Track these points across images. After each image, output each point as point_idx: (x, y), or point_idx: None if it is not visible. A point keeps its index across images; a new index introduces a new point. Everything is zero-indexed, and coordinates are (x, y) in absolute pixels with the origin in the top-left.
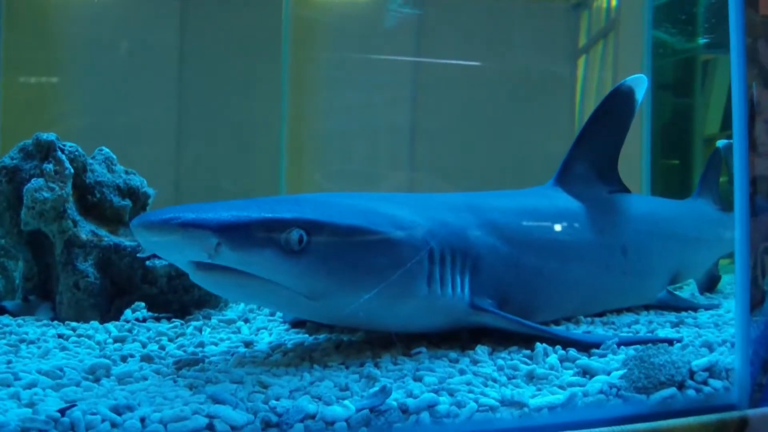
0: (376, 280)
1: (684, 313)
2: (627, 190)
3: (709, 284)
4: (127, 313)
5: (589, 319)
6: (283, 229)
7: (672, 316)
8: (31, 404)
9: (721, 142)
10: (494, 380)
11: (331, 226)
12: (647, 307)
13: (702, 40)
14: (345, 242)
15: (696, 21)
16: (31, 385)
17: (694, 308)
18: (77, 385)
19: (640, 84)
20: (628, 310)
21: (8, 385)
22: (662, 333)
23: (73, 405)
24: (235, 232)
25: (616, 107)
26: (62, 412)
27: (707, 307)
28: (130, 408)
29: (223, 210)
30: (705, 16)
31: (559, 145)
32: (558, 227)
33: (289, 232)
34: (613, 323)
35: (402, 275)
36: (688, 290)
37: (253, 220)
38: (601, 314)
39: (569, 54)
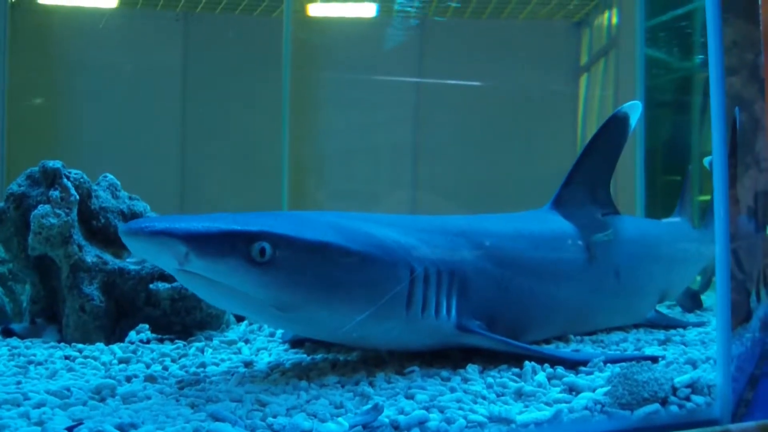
0: (347, 298)
1: (672, 331)
2: (617, 212)
3: (693, 302)
4: (132, 334)
5: (579, 337)
6: (249, 240)
7: (660, 334)
8: (40, 422)
9: (707, 159)
10: (483, 397)
11: (297, 240)
12: (636, 326)
13: (699, 58)
14: (311, 257)
15: (692, 39)
16: (40, 405)
17: (683, 326)
18: (84, 404)
19: (635, 110)
20: (618, 328)
21: (18, 405)
22: (649, 351)
23: (80, 423)
24: (202, 242)
25: (611, 133)
26: (70, 430)
27: (695, 325)
28: (134, 426)
29: (196, 221)
30: (701, 34)
31: (562, 164)
32: (551, 250)
33: (252, 244)
34: (602, 341)
35: (375, 294)
36: (678, 309)
37: (220, 231)
38: (591, 333)
39: (571, 72)
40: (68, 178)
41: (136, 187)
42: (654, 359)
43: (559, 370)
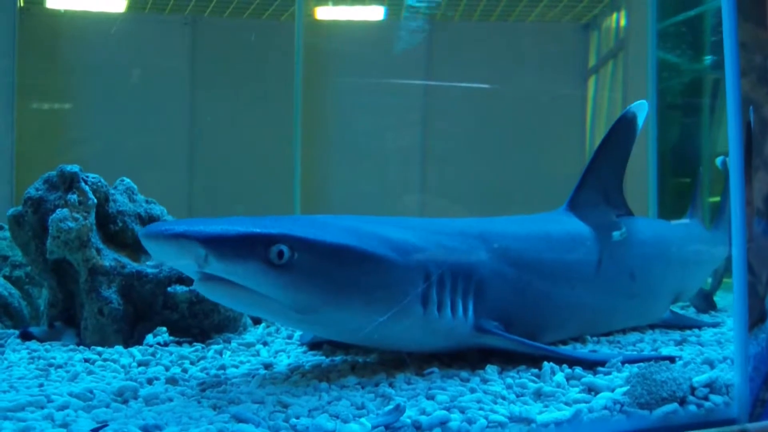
0: (365, 300)
1: (688, 332)
2: (631, 213)
3: (707, 303)
4: (149, 337)
5: (595, 338)
6: (267, 243)
7: (676, 335)
8: (64, 425)
9: (719, 159)
10: (503, 398)
11: (315, 243)
12: (652, 326)
13: (708, 60)
14: (329, 259)
15: (702, 41)
16: (63, 407)
17: (698, 326)
18: (107, 406)
19: (642, 110)
20: (634, 329)
21: (42, 407)
22: (666, 351)
23: (104, 425)
24: (221, 244)
25: (621, 134)
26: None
27: (711, 325)
28: (158, 428)
29: (215, 223)
30: (711, 36)
31: (571, 166)
32: (567, 252)
33: (271, 247)
34: (618, 342)
35: (392, 296)
36: (692, 310)
37: (238, 233)
38: (607, 334)
39: (579, 74)
40: (86, 182)
41: (144, 190)
42: (671, 359)
43: (578, 370)
